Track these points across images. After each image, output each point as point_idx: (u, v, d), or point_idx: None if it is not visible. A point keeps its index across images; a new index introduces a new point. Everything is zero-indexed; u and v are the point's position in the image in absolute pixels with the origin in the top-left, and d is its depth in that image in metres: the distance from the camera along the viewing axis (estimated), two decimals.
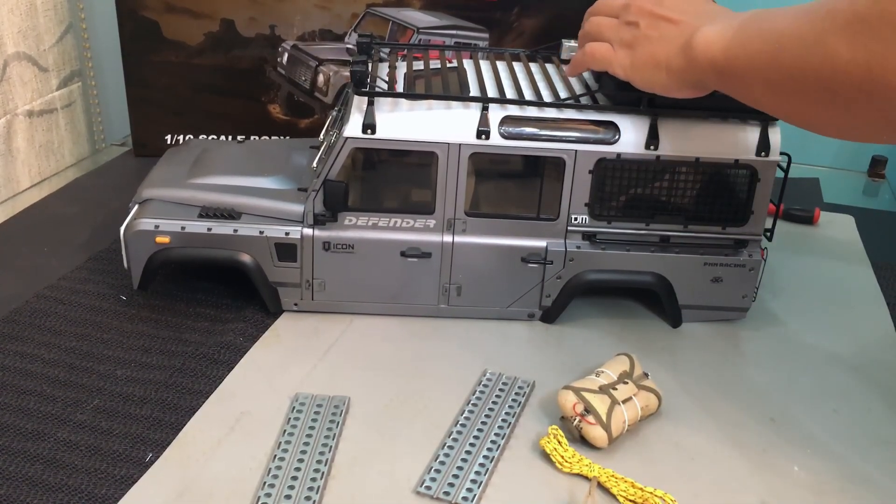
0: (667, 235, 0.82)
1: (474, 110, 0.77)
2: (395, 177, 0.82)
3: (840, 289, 0.94)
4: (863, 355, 0.83)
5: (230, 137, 1.18)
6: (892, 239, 1.08)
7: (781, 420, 0.73)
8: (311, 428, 0.68)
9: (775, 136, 0.79)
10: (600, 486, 0.64)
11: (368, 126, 0.76)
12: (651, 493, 0.62)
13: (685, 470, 0.67)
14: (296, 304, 0.83)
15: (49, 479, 0.62)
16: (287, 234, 0.80)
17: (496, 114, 0.77)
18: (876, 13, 0.51)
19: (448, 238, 0.81)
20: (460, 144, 0.77)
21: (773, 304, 0.90)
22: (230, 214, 0.81)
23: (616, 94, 0.78)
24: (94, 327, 0.80)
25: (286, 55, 1.15)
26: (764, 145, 0.78)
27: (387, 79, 0.82)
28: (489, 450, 0.67)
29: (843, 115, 0.57)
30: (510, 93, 0.80)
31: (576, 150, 0.78)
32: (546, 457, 0.66)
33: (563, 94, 0.81)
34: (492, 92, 0.80)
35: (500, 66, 0.87)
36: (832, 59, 0.54)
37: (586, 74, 0.86)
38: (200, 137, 1.18)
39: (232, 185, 0.84)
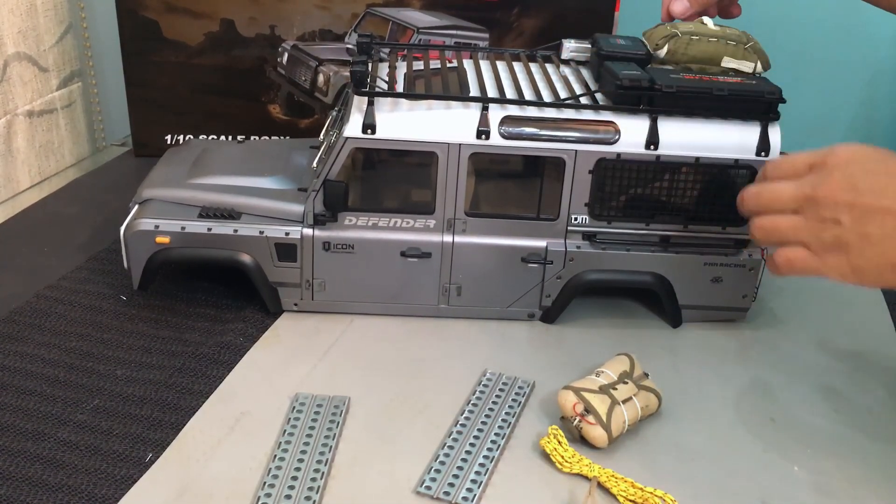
0: (667, 235, 0.82)
1: (474, 110, 0.77)
2: (395, 177, 0.82)
3: (840, 289, 0.93)
4: (863, 355, 0.83)
5: (230, 137, 1.18)
6: None
7: (781, 420, 0.73)
8: (311, 428, 0.68)
9: (775, 136, 0.79)
10: (600, 486, 0.64)
11: (368, 126, 0.76)
12: (651, 493, 0.62)
13: (685, 470, 0.67)
14: (296, 305, 0.83)
15: (49, 479, 0.62)
16: (287, 234, 0.80)
17: (496, 114, 0.77)
18: None
19: (448, 238, 0.81)
20: (460, 144, 0.77)
21: (773, 304, 0.90)
22: (230, 214, 0.81)
23: (616, 94, 0.78)
24: (94, 327, 0.80)
25: (286, 55, 1.15)
26: (764, 145, 0.78)
27: (387, 79, 0.82)
28: (489, 450, 0.67)
29: None
30: (510, 93, 0.80)
31: (576, 150, 0.78)
32: (546, 457, 0.66)
33: (563, 94, 0.81)
34: (492, 92, 0.80)
35: (500, 66, 0.87)
36: None
37: (586, 74, 0.86)
38: (200, 137, 1.18)
39: (232, 185, 0.84)
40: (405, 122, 0.77)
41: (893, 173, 0.61)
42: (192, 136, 1.18)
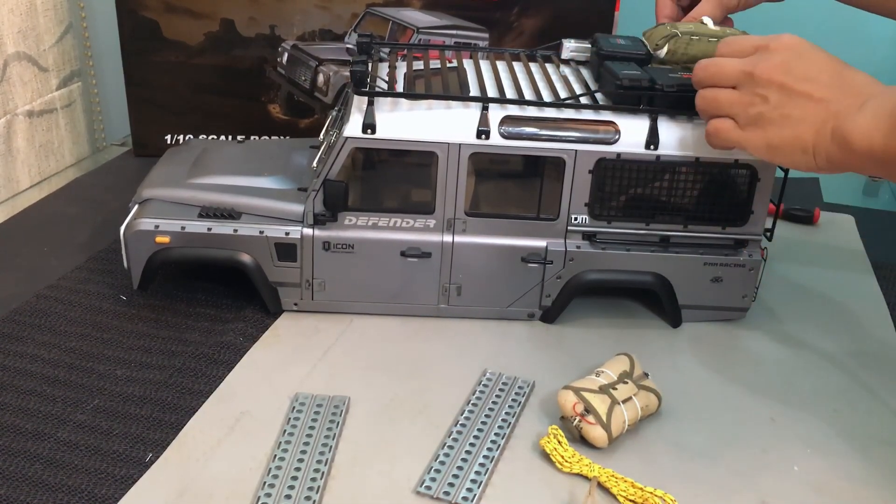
0: (667, 235, 0.82)
1: (474, 110, 0.77)
2: (395, 177, 0.82)
3: (840, 289, 0.94)
4: (863, 355, 0.83)
5: (230, 137, 1.17)
6: (892, 239, 1.08)
7: (781, 420, 0.73)
8: (311, 428, 0.68)
9: None
10: (600, 486, 0.64)
11: (368, 126, 0.76)
12: (651, 493, 0.62)
13: (685, 470, 0.67)
14: (296, 304, 0.83)
15: (49, 479, 0.62)
16: (287, 233, 0.80)
17: (496, 114, 0.77)
18: None
19: (448, 238, 0.81)
20: (460, 144, 0.77)
21: (773, 304, 0.90)
22: (230, 214, 0.81)
23: (616, 94, 0.78)
24: (94, 327, 0.80)
25: (286, 55, 1.15)
26: None
27: (387, 79, 0.82)
28: (489, 450, 0.67)
29: None
30: (510, 93, 0.80)
31: (576, 150, 0.78)
32: (546, 457, 0.66)
33: (563, 93, 0.81)
34: (492, 92, 0.80)
35: (500, 65, 0.87)
36: None
37: (586, 74, 0.86)
38: (200, 137, 1.18)
39: (232, 184, 0.84)
40: (405, 122, 0.77)
41: (825, 66, 0.66)
42: (192, 136, 1.18)
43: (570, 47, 0.90)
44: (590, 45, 0.88)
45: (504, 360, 0.78)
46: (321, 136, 0.87)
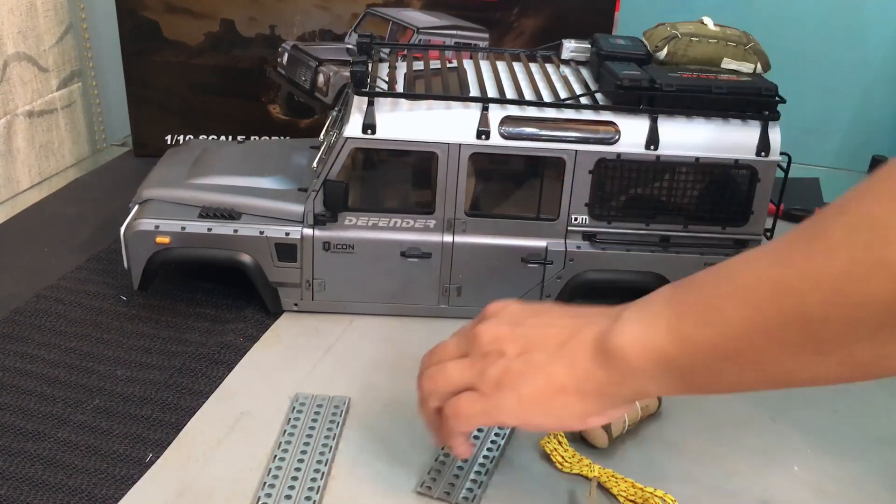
0: (667, 235, 0.82)
1: (474, 110, 0.77)
2: (396, 177, 0.82)
3: None
4: None
5: (230, 137, 1.18)
6: None
7: (781, 420, 0.73)
8: (311, 428, 0.68)
9: (775, 135, 0.79)
10: (600, 486, 0.64)
11: (368, 126, 0.76)
12: (651, 493, 0.62)
13: (685, 470, 0.67)
14: (296, 305, 0.83)
15: (49, 479, 0.62)
16: (287, 234, 0.80)
17: (496, 114, 0.77)
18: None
19: (448, 238, 0.81)
20: (460, 144, 0.77)
21: None
22: (230, 215, 0.81)
23: (616, 94, 0.78)
24: (95, 327, 0.80)
25: (286, 55, 1.15)
26: (764, 145, 0.78)
27: (387, 79, 0.82)
28: (489, 450, 0.67)
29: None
30: (510, 93, 0.80)
31: (576, 151, 0.78)
32: (546, 457, 0.66)
33: (563, 94, 0.81)
34: (492, 92, 0.80)
35: (500, 66, 0.87)
36: (866, 302, 0.41)
37: (586, 74, 0.86)
38: (200, 137, 1.18)
39: (232, 185, 0.84)
40: (405, 123, 0.77)
41: (546, 310, 0.56)
42: (192, 136, 1.18)
43: (570, 47, 0.90)
44: (590, 45, 0.88)
45: None
46: (321, 136, 0.87)
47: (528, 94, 0.80)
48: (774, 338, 0.45)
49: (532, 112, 0.78)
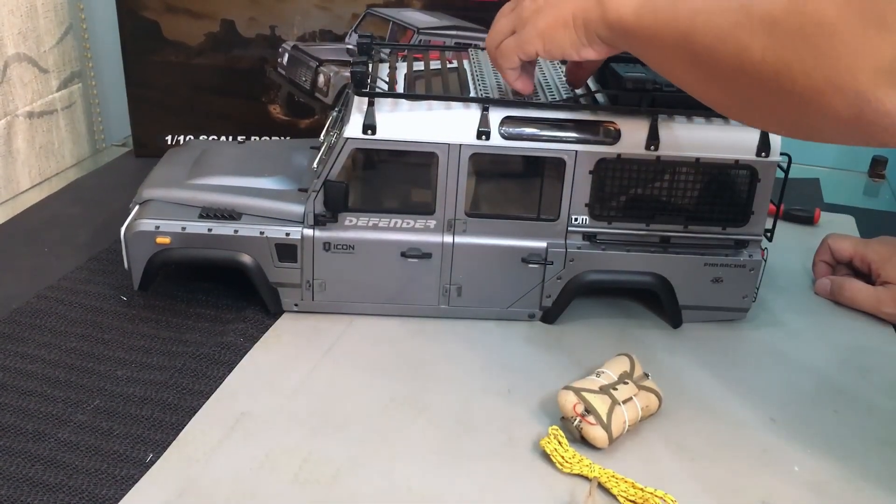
0: (667, 236, 0.82)
1: (474, 111, 0.77)
2: (396, 177, 0.82)
3: None
4: (863, 355, 0.83)
5: (230, 138, 1.18)
6: None
7: (781, 420, 0.73)
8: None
9: (776, 136, 0.79)
10: (601, 486, 0.64)
11: (369, 127, 0.76)
12: (651, 493, 0.62)
13: (685, 470, 0.67)
14: (296, 305, 0.83)
15: (49, 479, 0.62)
16: (287, 234, 0.80)
17: (496, 114, 0.77)
18: (792, 21, 0.49)
19: (448, 238, 0.81)
20: (461, 145, 0.78)
21: (773, 304, 0.90)
22: (230, 215, 0.81)
23: (616, 94, 0.79)
24: (95, 328, 0.80)
25: (286, 55, 1.15)
26: (764, 146, 0.78)
27: (387, 79, 0.83)
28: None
29: (755, 109, 0.55)
30: (510, 93, 0.80)
31: (576, 151, 0.78)
32: (546, 457, 0.66)
33: (563, 94, 0.81)
34: (492, 92, 0.80)
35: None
36: (741, 54, 0.52)
37: None
38: (200, 138, 1.18)
39: (232, 185, 0.84)
40: (405, 123, 0.77)
41: None
42: (192, 137, 1.18)
43: None
44: None
45: (504, 361, 0.78)
46: (321, 136, 0.87)
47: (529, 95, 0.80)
48: (686, 59, 0.57)
49: (532, 112, 0.78)
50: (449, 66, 0.87)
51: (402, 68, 0.86)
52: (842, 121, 0.49)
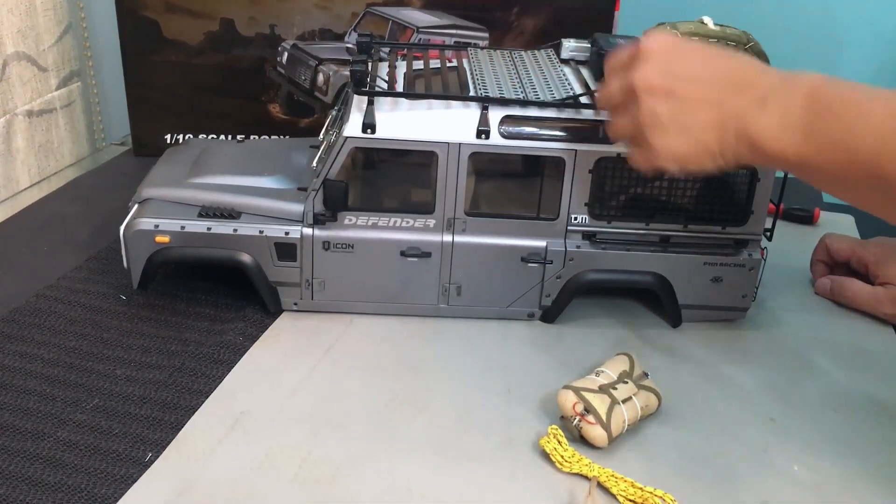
0: (667, 235, 0.82)
1: (474, 110, 0.77)
2: (395, 176, 0.82)
3: None
4: (863, 355, 0.83)
5: (230, 137, 1.17)
6: None
7: (781, 420, 0.73)
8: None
9: None
10: (600, 485, 0.64)
11: (368, 125, 0.76)
12: (651, 492, 0.62)
13: (685, 470, 0.67)
14: (296, 304, 0.83)
15: (49, 478, 0.62)
16: (287, 233, 0.80)
17: (496, 113, 0.77)
18: None
19: (448, 238, 0.80)
20: (460, 144, 0.77)
21: (773, 304, 0.90)
22: (230, 214, 0.81)
23: None
24: (94, 327, 0.80)
25: (286, 55, 1.15)
26: None
27: (387, 78, 0.82)
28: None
29: None
30: (510, 92, 0.80)
31: (576, 150, 0.78)
32: (546, 456, 0.66)
33: (562, 93, 0.81)
34: (492, 91, 0.80)
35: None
36: None
37: (586, 73, 0.86)
38: (200, 137, 1.18)
39: (232, 184, 0.84)
40: (405, 122, 0.77)
41: (703, 60, 0.63)
42: (191, 136, 1.18)
43: (569, 47, 0.90)
44: (590, 45, 0.88)
45: (504, 360, 0.78)
46: (321, 135, 0.87)
47: (529, 94, 0.80)
48: (851, 178, 0.55)
49: (532, 112, 0.78)
50: (448, 65, 0.87)
51: (401, 67, 0.86)
52: None
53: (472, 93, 0.80)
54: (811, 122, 0.57)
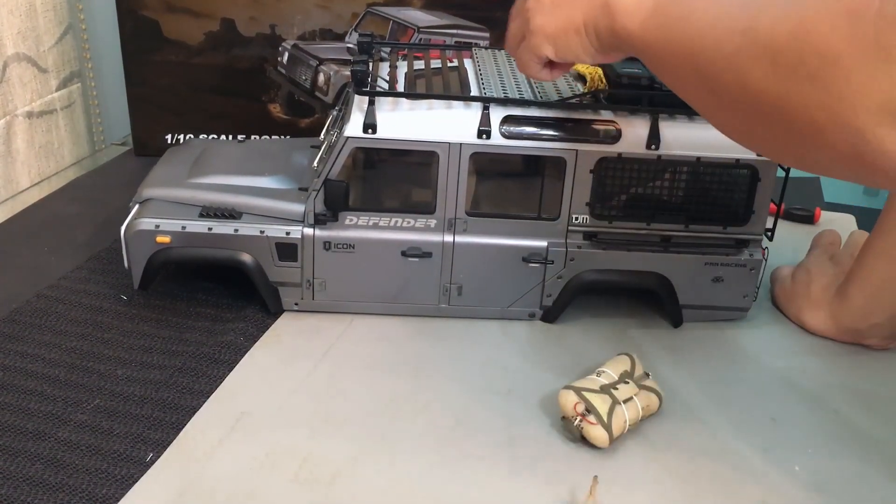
0: (668, 235, 0.82)
1: (475, 110, 0.77)
2: (396, 176, 0.82)
3: None
4: (862, 355, 0.83)
5: (230, 137, 1.17)
6: None
7: (781, 420, 0.73)
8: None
9: None
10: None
11: (369, 126, 0.76)
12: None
13: (685, 470, 0.67)
14: (296, 304, 0.83)
15: (49, 478, 0.62)
16: (288, 233, 0.80)
17: (497, 113, 0.77)
18: (794, 49, 0.46)
19: (449, 238, 0.80)
20: (461, 144, 0.77)
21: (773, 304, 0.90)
22: (231, 214, 0.81)
23: (617, 93, 0.78)
24: (95, 327, 0.80)
25: (286, 55, 1.15)
26: None
27: (388, 78, 0.82)
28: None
29: (758, 137, 0.53)
30: (511, 92, 0.80)
31: (577, 150, 0.78)
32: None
33: (563, 93, 0.81)
34: (493, 91, 0.80)
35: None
36: (744, 80, 0.49)
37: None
38: (200, 137, 1.18)
39: (232, 184, 0.84)
40: (406, 122, 0.77)
41: None
42: (192, 136, 1.18)
43: None
44: None
45: (504, 360, 0.78)
46: (322, 135, 0.87)
47: (529, 94, 0.80)
48: (690, 79, 0.55)
49: (533, 112, 0.78)
50: (449, 64, 0.87)
51: (402, 67, 0.86)
52: (842, 158, 0.47)
53: (475, 93, 0.80)
54: (659, 9, 0.57)
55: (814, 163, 0.50)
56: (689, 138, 0.78)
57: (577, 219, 0.81)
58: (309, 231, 0.80)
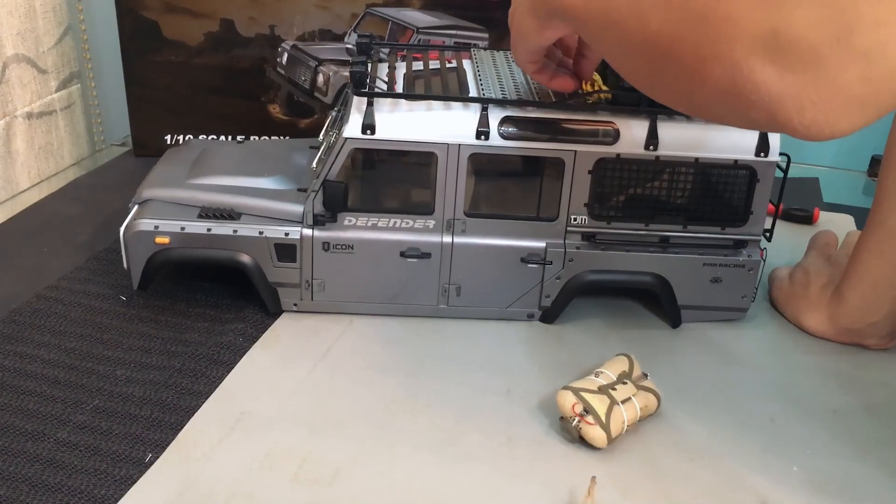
0: (666, 236, 0.82)
1: (474, 111, 0.77)
2: (395, 177, 0.82)
3: None
4: (862, 355, 0.83)
5: (230, 137, 1.18)
6: None
7: (781, 420, 0.73)
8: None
9: (774, 136, 0.79)
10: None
11: (368, 126, 0.76)
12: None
13: (685, 470, 0.67)
14: (295, 305, 0.83)
15: (49, 479, 0.62)
16: (287, 234, 0.80)
17: (496, 114, 0.77)
18: None
19: (448, 238, 0.81)
20: (460, 145, 0.78)
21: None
22: (230, 215, 0.81)
23: (616, 94, 0.78)
24: (94, 328, 0.80)
25: (286, 55, 1.15)
26: (763, 146, 0.78)
27: (386, 79, 0.83)
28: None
29: (659, 84, 0.54)
30: (510, 93, 0.80)
31: (575, 151, 0.78)
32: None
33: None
34: (491, 92, 0.80)
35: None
36: (643, 26, 0.51)
37: None
38: (200, 137, 1.18)
39: (232, 185, 0.84)
40: (405, 123, 0.77)
41: None
42: (192, 136, 1.18)
43: None
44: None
45: (503, 361, 0.78)
46: (321, 136, 0.87)
47: (528, 95, 0.80)
48: (605, 33, 0.56)
49: (531, 112, 0.78)
50: (448, 65, 0.87)
51: (401, 68, 0.86)
52: (722, 95, 0.49)
53: (474, 93, 0.80)
54: None
55: (702, 104, 0.52)
56: (688, 139, 0.78)
57: (575, 219, 0.81)
58: (308, 232, 0.80)
